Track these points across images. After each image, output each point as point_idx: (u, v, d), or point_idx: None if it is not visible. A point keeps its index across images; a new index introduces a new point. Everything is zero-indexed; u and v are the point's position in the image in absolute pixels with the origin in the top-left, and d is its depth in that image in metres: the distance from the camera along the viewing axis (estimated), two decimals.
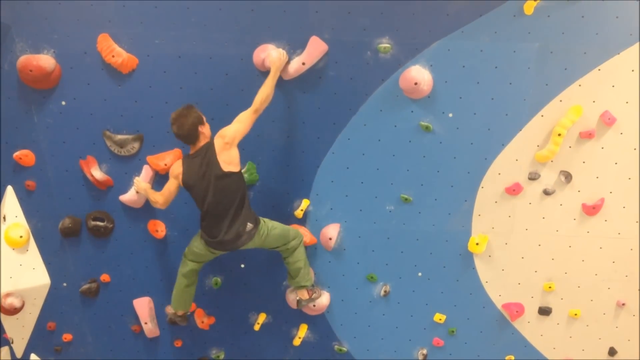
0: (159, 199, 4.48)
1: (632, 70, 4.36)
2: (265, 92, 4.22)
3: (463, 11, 4.36)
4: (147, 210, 4.90)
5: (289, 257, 4.69)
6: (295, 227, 4.80)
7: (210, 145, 4.18)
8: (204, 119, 4.25)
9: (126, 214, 4.93)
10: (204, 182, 4.19)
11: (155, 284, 5.12)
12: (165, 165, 4.68)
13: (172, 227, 4.96)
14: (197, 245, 4.54)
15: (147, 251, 5.03)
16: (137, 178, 4.69)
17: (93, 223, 4.91)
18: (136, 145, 4.73)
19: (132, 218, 4.93)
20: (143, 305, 5.12)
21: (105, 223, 4.91)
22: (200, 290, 5.08)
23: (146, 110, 4.68)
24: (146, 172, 4.77)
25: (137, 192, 4.73)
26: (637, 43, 4.31)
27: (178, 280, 4.69)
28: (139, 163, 4.78)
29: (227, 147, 4.15)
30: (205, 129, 4.24)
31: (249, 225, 4.34)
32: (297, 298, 4.87)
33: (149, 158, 4.74)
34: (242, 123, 4.21)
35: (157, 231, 4.93)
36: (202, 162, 4.18)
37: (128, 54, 4.52)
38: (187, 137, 4.19)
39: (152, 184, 4.81)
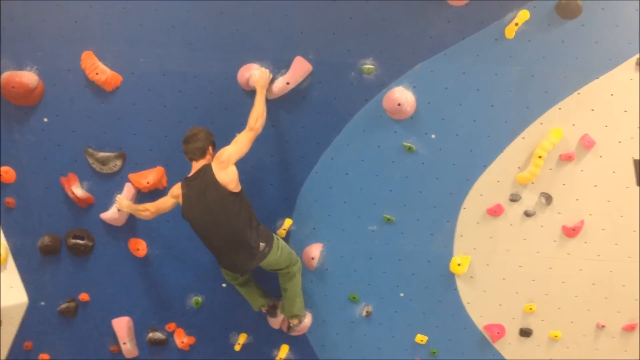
0: (150, 207, 4.44)
1: (611, 95, 4.44)
2: (257, 110, 4.22)
3: (446, 34, 4.41)
4: (128, 228, 4.85)
5: (288, 283, 4.68)
6: None
7: (208, 167, 4.14)
8: (214, 144, 4.27)
9: (107, 232, 4.88)
10: (205, 206, 4.14)
11: (135, 303, 5.06)
12: (148, 183, 4.66)
13: (153, 245, 4.92)
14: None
15: (127, 270, 4.98)
16: (119, 196, 4.65)
17: (73, 241, 4.85)
18: (118, 162, 4.70)
19: (112, 236, 4.89)
20: (122, 325, 5.05)
21: (85, 241, 4.86)
22: (180, 310, 5.05)
23: (129, 128, 4.66)
24: (128, 190, 4.73)
25: (119, 210, 4.68)
26: (616, 68, 4.38)
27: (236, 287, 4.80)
28: (120, 181, 4.75)
29: (223, 165, 4.11)
30: (211, 152, 4.23)
31: (262, 245, 4.32)
32: (289, 325, 4.86)
33: (131, 176, 4.71)
34: (238, 144, 4.19)
35: (138, 250, 4.89)
36: (200, 184, 4.14)
37: (112, 71, 4.51)
38: (196, 152, 4.16)
39: (134, 202, 4.76)
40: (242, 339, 5.13)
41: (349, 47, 4.46)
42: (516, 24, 4.30)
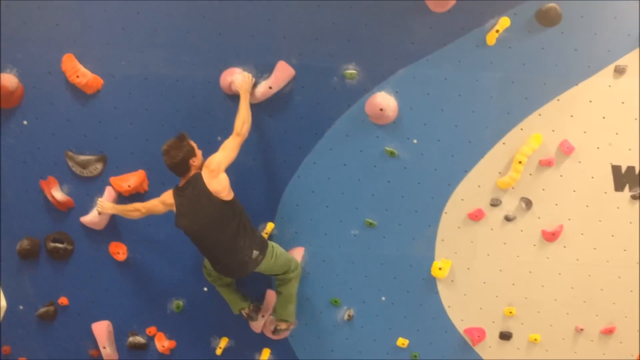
0: (141, 207, 4.43)
1: (590, 101, 4.49)
2: (242, 115, 4.21)
3: (428, 40, 4.44)
4: (108, 232, 4.82)
5: (283, 287, 4.69)
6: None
7: (198, 176, 4.12)
8: (196, 150, 4.17)
9: (87, 236, 4.85)
10: (197, 214, 4.13)
11: (115, 307, 5.02)
12: (129, 186, 4.63)
13: (134, 249, 4.89)
14: (209, 266, 4.56)
15: (107, 274, 4.95)
16: (100, 199, 4.62)
17: (52, 245, 4.81)
18: (99, 166, 4.67)
19: (92, 240, 4.85)
20: (102, 329, 5.01)
21: (64, 245, 4.82)
22: (161, 314, 5.03)
23: (110, 131, 4.63)
24: (109, 194, 4.70)
25: (100, 213, 4.65)
26: (595, 75, 4.44)
27: (217, 288, 4.76)
28: (101, 184, 4.72)
29: (214, 174, 4.09)
30: (196, 161, 4.16)
31: (255, 252, 4.31)
32: (276, 327, 4.85)
33: (112, 179, 4.68)
34: (226, 150, 4.16)
35: (118, 253, 4.86)
36: (192, 193, 4.12)
37: (93, 74, 4.49)
38: (178, 169, 4.12)
39: None
40: (224, 342, 5.11)
41: (332, 52, 4.48)
42: (497, 31, 4.34)
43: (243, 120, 4.19)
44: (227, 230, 4.17)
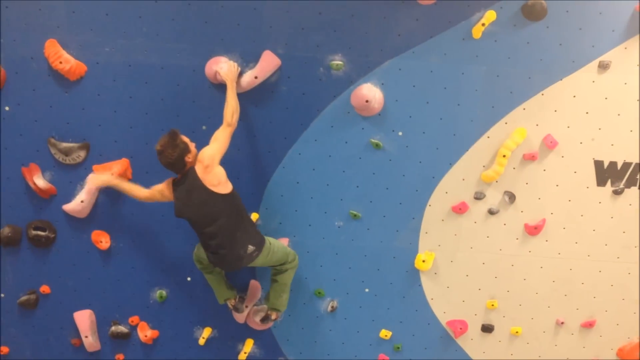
0: (144, 193, 4.40)
1: (574, 96, 4.53)
2: (231, 105, 4.18)
3: (414, 32, 4.45)
4: (91, 220, 4.79)
5: (278, 276, 4.68)
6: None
7: (192, 170, 4.09)
8: (190, 145, 4.10)
9: (69, 224, 4.80)
10: (194, 207, 4.12)
11: (97, 296, 4.99)
12: (112, 174, 4.59)
13: (117, 238, 4.86)
14: (202, 255, 4.54)
15: (90, 262, 4.91)
16: (92, 175, 4.59)
17: (34, 232, 4.77)
18: (82, 153, 4.63)
19: (75, 228, 4.81)
20: (84, 318, 4.98)
21: (46, 233, 4.78)
22: (144, 304, 5.00)
23: (94, 119, 4.59)
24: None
25: (89, 190, 4.61)
26: (579, 70, 4.47)
27: (205, 275, 4.74)
28: (84, 172, 4.68)
29: (209, 169, 4.05)
30: (191, 157, 4.09)
31: (251, 248, 4.29)
32: (267, 315, 4.84)
33: (95, 167, 4.64)
34: (218, 141, 4.12)
35: (101, 242, 4.82)
36: (188, 188, 4.10)
37: (76, 60, 4.43)
38: (174, 168, 4.08)
39: (98, 195, 4.71)
40: (207, 333, 5.10)
41: (318, 43, 4.46)
42: (483, 24, 4.35)
43: (232, 110, 4.17)
44: (225, 223, 4.16)
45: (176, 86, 4.54)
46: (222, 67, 4.35)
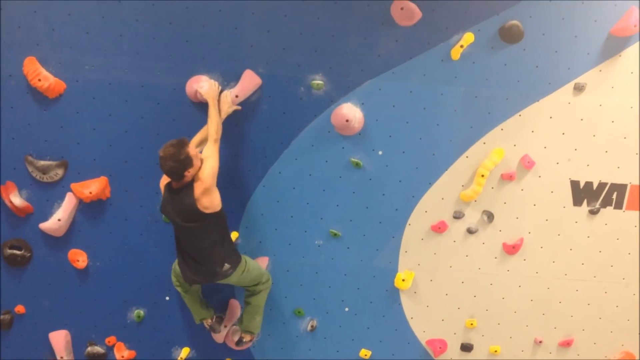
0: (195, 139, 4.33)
1: (550, 117, 4.60)
2: (215, 122, 4.17)
3: (394, 53, 4.50)
4: (68, 239, 4.73)
5: (251, 298, 4.65)
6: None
7: (189, 187, 3.99)
8: (194, 160, 3.96)
9: (46, 243, 4.74)
10: (180, 218, 4.07)
11: (74, 316, 4.92)
12: (90, 193, 4.55)
13: (94, 257, 4.80)
14: (179, 271, 4.45)
15: (66, 282, 4.84)
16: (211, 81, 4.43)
17: (10, 251, 4.70)
18: (60, 171, 4.58)
19: (51, 247, 4.75)
20: (59, 339, 4.90)
21: (22, 252, 4.71)
22: (121, 323, 4.94)
23: (72, 136, 4.55)
24: (69, 200, 4.61)
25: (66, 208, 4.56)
26: (555, 92, 4.55)
27: (182, 295, 4.68)
28: (62, 190, 4.63)
29: (207, 192, 3.99)
30: (191, 171, 3.96)
31: (226, 266, 4.27)
32: (241, 338, 4.83)
33: (73, 185, 4.60)
34: (210, 159, 4.06)
35: (78, 261, 4.76)
36: (180, 200, 4.03)
37: (55, 78, 4.40)
38: (171, 176, 3.99)
39: (75, 213, 4.66)
40: (185, 353, 5.04)
41: (299, 63, 4.49)
42: (461, 46, 4.41)
43: (216, 125, 4.17)
44: (206, 239, 4.13)
45: (156, 104, 4.53)
46: (203, 85, 4.36)
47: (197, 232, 4.11)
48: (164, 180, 4.22)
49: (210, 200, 4.04)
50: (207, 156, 4.10)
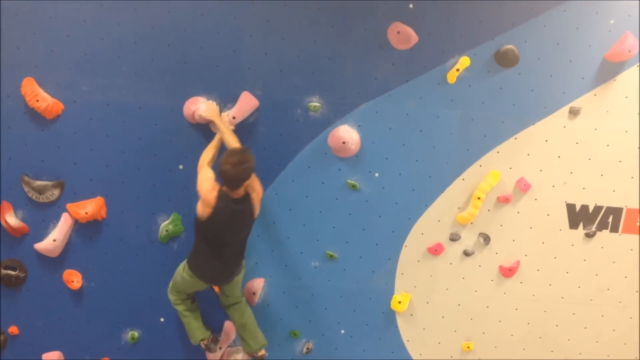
0: (205, 158, 4.21)
1: (546, 140, 4.62)
2: (230, 135, 4.24)
3: (391, 76, 4.53)
4: (63, 259, 4.71)
5: (245, 317, 4.63)
6: None
7: (249, 199, 4.16)
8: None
9: (40, 263, 4.71)
10: (233, 227, 4.15)
11: (67, 337, 4.87)
12: (86, 213, 4.54)
13: (89, 277, 4.78)
14: (183, 275, 4.37)
15: (60, 302, 4.80)
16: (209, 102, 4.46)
17: (4, 272, 4.67)
18: (56, 192, 4.58)
19: (46, 267, 4.72)
20: None
21: (17, 272, 4.68)
22: (115, 345, 4.90)
23: (69, 157, 4.55)
24: (65, 221, 4.60)
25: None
26: (550, 115, 4.57)
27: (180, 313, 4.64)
28: (58, 211, 4.62)
29: (260, 200, 4.27)
30: (248, 182, 4.08)
31: (242, 262, 4.47)
32: (260, 356, 4.76)
33: (69, 206, 4.58)
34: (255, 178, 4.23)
35: (72, 281, 4.73)
36: (244, 210, 4.13)
37: (53, 99, 4.42)
38: (235, 184, 4.01)
39: (71, 234, 4.65)
40: None
41: (296, 85, 4.52)
42: (457, 70, 4.45)
43: (234, 137, 4.24)
44: (242, 235, 4.30)
45: (154, 125, 4.54)
46: (201, 107, 4.38)
47: (244, 238, 4.33)
48: (213, 189, 4.06)
49: (258, 209, 4.28)
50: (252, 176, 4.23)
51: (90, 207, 4.57)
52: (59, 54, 4.39)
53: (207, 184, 4.07)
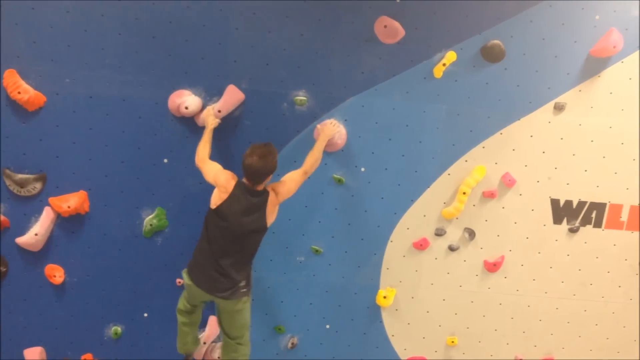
0: (202, 154, 4.19)
1: (531, 136, 4.64)
2: (316, 155, 4.27)
3: (377, 70, 4.52)
4: (45, 254, 4.66)
5: (236, 355, 4.42)
6: None
7: (266, 195, 4.05)
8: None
9: (22, 257, 4.66)
10: (242, 221, 3.98)
11: (49, 332, 4.83)
12: (69, 207, 4.49)
13: (71, 272, 4.73)
14: (185, 278, 4.20)
15: (42, 297, 4.75)
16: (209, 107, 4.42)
17: None
18: (38, 185, 4.51)
19: (28, 262, 4.67)
20: (34, 356, 4.80)
21: None
22: (97, 340, 4.86)
23: (51, 150, 4.49)
24: (47, 214, 4.54)
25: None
26: (536, 111, 4.60)
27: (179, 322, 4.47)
28: (40, 204, 4.56)
29: (276, 205, 4.12)
30: (269, 178, 4.07)
31: (243, 283, 4.14)
32: None
33: (52, 199, 4.53)
34: (294, 182, 4.18)
35: (55, 276, 4.68)
36: (258, 203, 4.01)
37: (35, 91, 4.35)
38: (259, 177, 3.98)
39: (53, 228, 4.59)
40: None
41: (282, 78, 4.49)
42: (444, 64, 4.45)
43: (315, 159, 4.29)
44: (248, 248, 4.10)
45: (138, 119, 4.49)
46: (189, 104, 4.33)
47: (248, 250, 4.11)
48: (233, 178, 4.06)
49: (273, 212, 4.13)
50: (290, 179, 4.21)
51: (72, 201, 4.52)
52: (42, 45, 4.32)
53: (224, 173, 4.09)
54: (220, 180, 4.05)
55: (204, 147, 4.22)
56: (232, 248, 4.05)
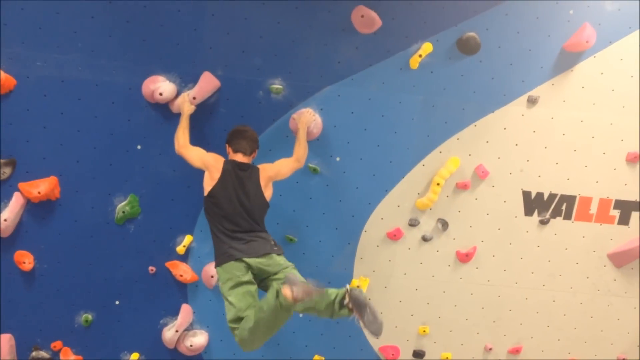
0: (183, 140, 4.19)
1: (504, 128, 4.69)
2: (304, 145, 4.39)
3: (354, 60, 4.52)
4: (14, 239, 4.57)
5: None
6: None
7: (256, 170, 4.11)
8: None
9: None
10: (242, 192, 3.98)
11: (18, 320, 4.74)
12: (39, 193, 4.41)
13: (41, 259, 4.65)
14: (223, 281, 3.95)
15: (11, 284, 4.67)
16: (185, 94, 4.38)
17: None
18: (7, 170, 4.43)
19: None
20: (3, 343, 4.71)
21: None
22: (68, 328, 4.80)
23: (22, 134, 4.41)
24: (17, 200, 4.46)
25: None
26: (509, 104, 4.64)
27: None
28: (9, 189, 4.47)
29: (269, 182, 4.17)
30: (255, 155, 4.25)
31: (273, 242, 4.05)
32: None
33: (21, 185, 4.45)
34: (285, 165, 4.30)
35: (24, 263, 4.60)
36: (246, 176, 4.03)
37: (5, 74, 4.26)
38: (248, 145, 4.13)
39: (22, 213, 4.51)
40: (135, 358, 4.93)
41: (258, 66, 4.47)
42: (420, 56, 4.47)
43: (305, 150, 4.42)
44: (252, 202, 4.01)
45: (111, 104, 4.43)
46: (164, 90, 4.29)
47: (256, 207, 4.04)
48: (221, 158, 4.09)
49: (268, 189, 4.18)
50: (281, 164, 4.33)
51: (43, 187, 4.44)
52: (12, 27, 4.23)
53: (210, 154, 4.16)
54: (210, 161, 4.08)
55: (183, 134, 4.19)
56: (241, 215, 3.97)
